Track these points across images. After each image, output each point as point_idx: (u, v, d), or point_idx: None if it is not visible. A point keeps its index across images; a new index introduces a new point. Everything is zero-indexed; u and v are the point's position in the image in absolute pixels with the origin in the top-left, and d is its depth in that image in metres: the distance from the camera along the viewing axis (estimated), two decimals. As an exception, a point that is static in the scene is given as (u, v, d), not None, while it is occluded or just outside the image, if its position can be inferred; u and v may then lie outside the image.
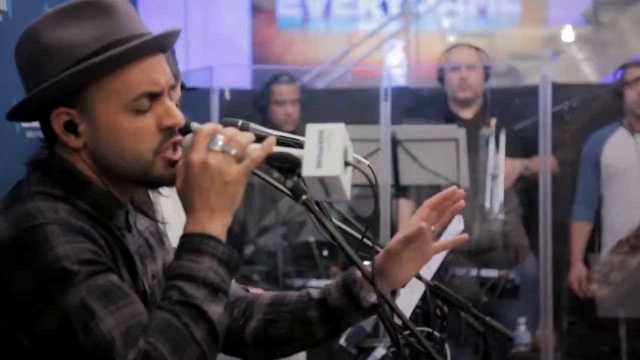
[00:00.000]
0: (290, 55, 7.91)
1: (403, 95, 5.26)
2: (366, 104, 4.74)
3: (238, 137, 1.64)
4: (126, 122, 1.63)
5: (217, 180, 1.60)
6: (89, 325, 1.49)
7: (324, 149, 1.62)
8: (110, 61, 1.60)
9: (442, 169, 4.51)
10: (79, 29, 1.62)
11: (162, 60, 1.69)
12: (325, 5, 8.02)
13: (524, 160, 4.82)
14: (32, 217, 1.55)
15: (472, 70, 4.95)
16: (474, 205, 4.72)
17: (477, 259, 4.66)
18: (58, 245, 1.52)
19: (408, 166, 4.53)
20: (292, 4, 8.04)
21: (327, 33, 8.01)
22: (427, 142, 4.53)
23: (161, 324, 1.52)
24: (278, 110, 5.01)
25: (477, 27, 7.84)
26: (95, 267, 1.53)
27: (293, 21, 8.06)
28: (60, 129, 1.64)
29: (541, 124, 4.49)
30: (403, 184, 4.65)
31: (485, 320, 2.92)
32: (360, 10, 8.07)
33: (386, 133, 4.52)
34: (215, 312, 1.56)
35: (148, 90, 1.64)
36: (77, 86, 1.61)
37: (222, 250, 1.61)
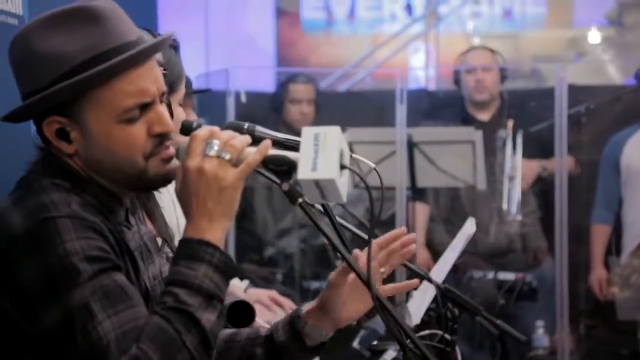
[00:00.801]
0: (314, 57, 7.91)
1: (421, 98, 5.25)
2: (383, 107, 4.74)
3: (233, 142, 1.64)
4: (117, 131, 1.65)
5: (213, 186, 1.61)
6: (87, 327, 1.51)
7: (319, 151, 1.62)
8: (101, 74, 1.61)
9: (459, 171, 4.50)
10: (68, 38, 1.63)
11: (154, 66, 1.70)
12: (350, 8, 8.02)
13: (542, 161, 4.80)
14: (45, 209, 1.57)
15: (488, 72, 4.95)
16: (491, 207, 4.71)
17: (494, 261, 4.66)
18: (68, 240, 1.54)
19: (424, 169, 4.52)
20: (316, 6, 8.05)
21: (351, 35, 8.00)
22: (443, 144, 4.52)
23: (154, 330, 1.53)
24: (293, 109, 5.03)
25: (502, 28, 7.82)
26: (102, 265, 1.56)
27: (317, 23, 8.06)
28: (52, 136, 1.66)
29: (557, 126, 4.47)
30: (420, 187, 4.64)
31: (497, 323, 2.92)
32: (385, 12, 8.06)
33: (402, 135, 4.51)
34: (208, 320, 1.56)
35: (138, 102, 1.65)
36: (66, 99, 1.63)
37: (219, 258, 1.61)
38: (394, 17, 7.94)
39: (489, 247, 4.72)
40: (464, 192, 4.76)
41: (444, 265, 2.98)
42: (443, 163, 4.49)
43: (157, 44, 1.69)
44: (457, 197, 4.82)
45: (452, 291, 2.84)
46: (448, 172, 4.51)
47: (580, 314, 4.76)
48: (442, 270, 2.96)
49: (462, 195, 4.78)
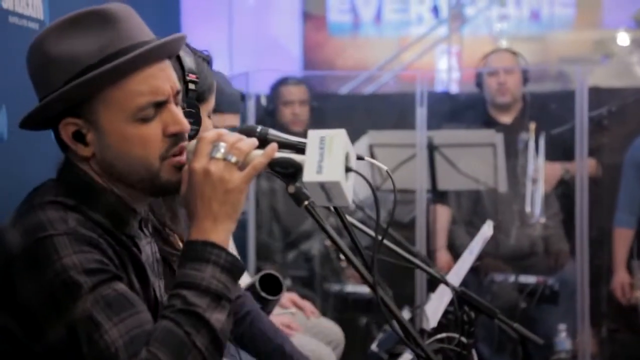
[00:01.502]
0: (341, 60, 7.92)
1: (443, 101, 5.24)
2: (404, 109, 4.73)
3: (240, 144, 1.66)
4: (132, 131, 1.66)
5: (218, 189, 1.63)
6: (93, 337, 1.52)
7: (325, 154, 1.64)
8: (111, 73, 1.63)
9: (480, 174, 4.49)
10: (81, 40, 1.65)
11: (166, 67, 1.71)
12: (376, 10, 8.02)
13: (565, 164, 4.78)
14: (42, 228, 1.58)
15: (510, 75, 4.93)
16: (512, 210, 4.69)
17: (516, 264, 4.64)
18: (66, 256, 1.55)
19: (445, 172, 4.51)
20: (343, 9, 8.06)
21: (377, 38, 8.00)
22: (464, 147, 4.51)
23: (163, 333, 1.54)
24: (286, 111, 5.03)
25: (529, 30, 7.79)
26: (101, 277, 1.56)
27: (343, 26, 8.07)
28: (69, 139, 1.68)
29: (578, 128, 4.44)
30: (441, 189, 4.64)
31: (514, 326, 2.91)
32: (411, 14, 8.06)
33: (422, 138, 4.51)
34: (217, 320, 1.58)
35: (152, 100, 1.66)
36: (80, 98, 1.64)
37: (225, 258, 1.63)
38: (420, 20, 7.93)
39: (511, 249, 4.70)
40: (485, 195, 4.75)
41: (461, 268, 2.98)
42: (464, 166, 4.47)
43: (166, 42, 1.70)
44: (478, 200, 4.81)
45: (468, 294, 2.84)
46: (469, 175, 4.49)
47: (602, 318, 4.73)
48: (459, 273, 2.96)
49: (484, 197, 4.77)
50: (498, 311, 2.89)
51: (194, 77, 2.13)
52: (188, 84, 2.11)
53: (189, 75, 2.11)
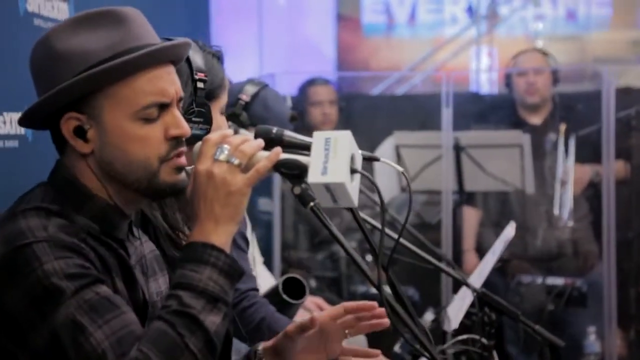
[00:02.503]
0: (375, 61, 7.92)
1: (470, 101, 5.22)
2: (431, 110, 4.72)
3: (243, 147, 1.66)
4: (134, 130, 1.67)
5: (221, 191, 1.63)
6: (79, 341, 1.51)
7: (329, 156, 1.64)
8: (118, 69, 1.63)
9: (507, 175, 4.47)
10: (90, 38, 1.66)
11: (172, 71, 1.73)
12: (411, 11, 8.01)
13: (594, 166, 4.74)
14: (22, 236, 1.58)
15: (540, 75, 4.89)
16: (540, 211, 4.67)
17: (544, 266, 4.61)
18: (47, 262, 1.55)
19: (472, 173, 4.50)
20: (377, 10, 8.06)
21: (411, 38, 7.99)
22: (491, 148, 4.49)
23: (156, 334, 1.54)
24: (315, 111, 5.03)
25: (565, 30, 7.73)
26: (83, 281, 1.56)
27: (378, 27, 8.07)
28: (69, 134, 1.68)
29: (605, 129, 4.40)
30: (467, 191, 4.62)
31: (535, 328, 2.89)
32: (446, 15, 8.04)
33: (448, 139, 4.50)
34: (212, 323, 1.57)
35: (157, 100, 1.67)
36: (86, 92, 1.65)
37: (224, 261, 1.63)
38: (454, 20, 7.91)
39: (538, 251, 4.67)
40: (513, 196, 4.72)
41: (483, 270, 2.97)
42: (491, 167, 4.46)
43: (175, 44, 1.72)
44: (506, 201, 4.78)
45: (489, 295, 2.83)
46: (496, 176, 4.48)
47: (631, 320, 4.67)
48: (481, 274, 2.95)
49: (512, 199, 4.74)
50: (520, 312, 2.88)
51: (203, 76, 2.13)
52: (196, 82, 2.12)
53: (197, 74, 2.12)
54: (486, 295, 2.82)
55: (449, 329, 2.91)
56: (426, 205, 4.78)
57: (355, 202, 1.68)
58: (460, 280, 2.88)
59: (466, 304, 2.85)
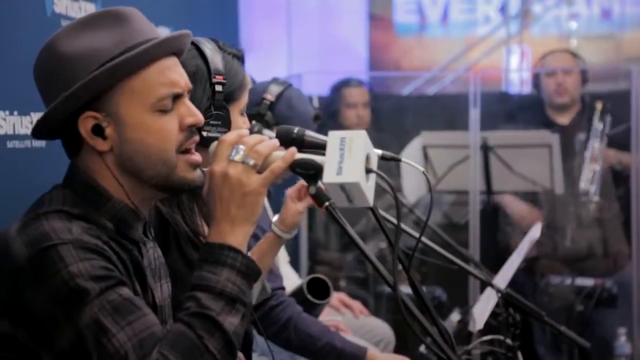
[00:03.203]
0: (407, 61, 7.90)
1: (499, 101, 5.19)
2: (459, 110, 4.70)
3: (259, 147, 1.68)
4: (151, 122, 1.69)
5: (236, 192, 1.65)
6: (102, 342, 1.53)
7: (344, 155, 1.64)
8: (132, 61, 1.66)
9: (536, 175, 4.44)
10: (96, 38, 1.68)
11: (177, 62, 1.75)
12: (443, 11, 7.98)
13: (619, 153, 4.70)
14: (47, 238, 1.59)
15: (569, 75, 4.86)
16: (569, 211, 4.63)
17: (573, 266, 4.57)
18: (72, 264, 1.57)
19: (500, 173, 4.48)
20: (409, 10, 8.04)
21: (444, 38, 7.97)
22: (520, 148, 4.46)
23: (176, 336, 1.56)
24: (349, 113, 5.03)
25: (600, 29, 7.67)
26: (107, 283, 1.58)
27: (410, 27, 8.06)
28: (88, 133, 1.69)
29: (633, 129, 4.36)
30: (496, 191, 4.60)
31: (560, 329, 2.88)
32: (479, 14, 8.00)
33: (475, 139, 4.48)
34: (231, 324, 1.59)
35: (171, 91, 1.70)
36: (102, 88, 1.67)
37: (241, 261, 1.64)
38: (487, 20, 7.87)
39: (568, 251, 4.64)
40: (542, 197, 4.69)
41: (508, 270, 2.96)
42: (520, 167, 4.43)
43: (180, 35, 1.74)
44: (535, 201, 4.75)
45: (513, 296, 2.81)
46: (525, 177, 4.45)
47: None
48: (506, 275, 2.94)
49: (541, 199, 4.71)
50: (545, 313, 2.86)
51: (221, 79, 2.15)
52: (215, 86, 2.13)
53: (215, 77, 2.13)
54: (511, 296, 2.81)
55: (474, 329, 2.90)
56: (454, 206, 4.77)
57: (371, 201, 1.68)
58: (484, 280, 2.87)
59: (491, 304, 2.84)
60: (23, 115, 2.54)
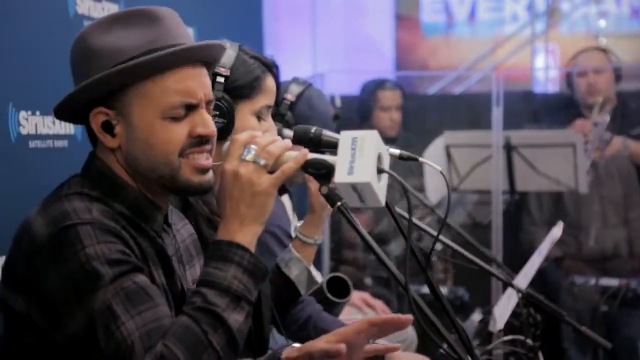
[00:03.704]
0: (434, 60, 7.90)
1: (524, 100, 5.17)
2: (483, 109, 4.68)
3: (270, 147, 1.69)
4: (159, 128, 1.70)
5: (246, 191, 1.66)
6: (110, 328, 1.55)
7: (356, 155, 1.64)
8: (147, 64, 1.67)
9: (561, 175, 4.41)
10: (124, 36, 1.70)
11: (202, 73, 1.75)
12: (470, 10, 7.97)
13: (628, 140, 4.65)
14: (67, 217, 1.61)
15: (601, 74, 4.80)
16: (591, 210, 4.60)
17: (598, 266, 4.54)
18: (89, 245, 1.59)
19: (524, 172, 4.45)
20: (436, 9, 8.04)
21: (471, 37, 7.96)
22: (543, 147, 4.44)
23: (181, 329, 1.57)
24: (383, 116, 5.01)
25: (629, 28, 7.62)
26: (123, 268, 1.59)
27: (437, 26, 8.05)
28: (97, 128, 1.72)
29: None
30: (519, 191, 4.58)
31: (581, 329, 2.87)
32: (506, 13, 7.98)
33: (498, 138, 4.46)
34: (235, 320, 1.61)
35: (184, 101, 1.70)
36: (115, 86, 1.69)
37: (249, 260, 1.66)
38: (515, 18, 7.85)
39: (593, 251, 4.61)
40: (567, 196, 4.66)
41: (529, 270, 2.95)
42: (544, 167, 4.41)
43: (207, 44, 1.74)
44: (559, 201, 4.72)
45: (534, 296, 2.81)
46: (549, 176, 4.42)
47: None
48: (527, 275, 2.93)
49: (565, 198, 4.68)
50: (566, 313, 2.85)
51: (223, 71, 2.16)
52: (216, 76, 2.14)
53: (217, 69, 2.15)
54: (531, 296, 2.80)
55: (494, 329, 2.89)
56: (478, 205, 4.75)
57: (383, 201, 1.68)
58: (504, 280, 2.86)
59: (511, 304, 2.83)
60: (45, 115, 2.56)
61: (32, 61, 2.54)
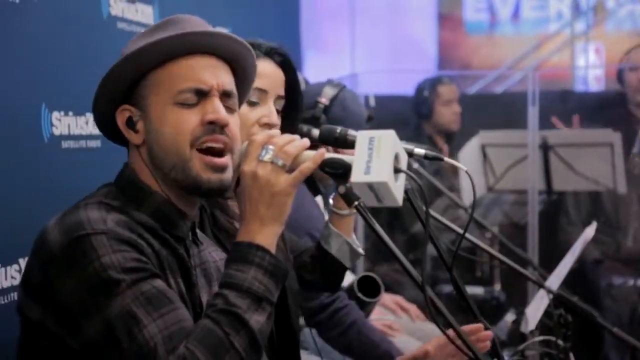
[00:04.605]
0: (477, 59, 7.86)
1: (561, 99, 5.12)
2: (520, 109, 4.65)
3: (288, 148, 1.69)
4: (171, 113, 1.70)
5: (265, 192, 1.66)
6: (133, 332, 1.55)
7: (373, 155, 1.64)
8: (155, 47, 1.69)
9: (598, 174, 4.37)
10: (147, 39, 1.72)
11: (217, 65, 1.75)
12: (514, 8, 7.91)
13: None
14: (81, 227, 1.62)
15: None
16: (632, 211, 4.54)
17: (637, 266, 4.49)
18: (104, 255, 1.59)
19: (561, 172, 4.41)
20: (479, 8, 7.99)
21: (515, 36, 7.90)
22: (581, 147, 4.39)
23: (203, 331, 1.57)
24: (446, 111, 5.00)
25: (678, 26, 7.52)
26: (139, 275, 1.60)
27: (480, 25, 8.01)
28: (122, 125, 1.74)
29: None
30: (556, 190, 4.53)
31: (613, 330, 2.84)
32: (551, 11, 7.91)
33: (533, 138, 4.42)
34: (257, 322, 1.61)
35: (193, 86, 1.71)
36: (130, 76, 1.71)
37: (269, 261, 1.66)
38: (559, 16, 7.77)
39: (631, 252, 4.55)
40: (605, 196, 4.61)
41: (561, 271, 2.93)
42: (581, 166, 4.36)
43: (211, 32, 1.75)
44: (597, 201, 4.67)
45: (565, 297, 2.79)
46: (587, 176, 4.38)
47: None
48: (559, 275, 2.91)
49: (604, 198, 4.63)
50: (597, 314, 2.83)
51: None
52: None
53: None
54: (562, 297, 2.78)
55: (526, 330, 2.87)
56: (515, 205, 4.71)
57: (400, 201, 1.67)
58: (534, 281, 2.85)
59: (543, 305, 2.82)
60: (78, 115, 2.60)
61: (65, 62, 2.58)
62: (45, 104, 2.48)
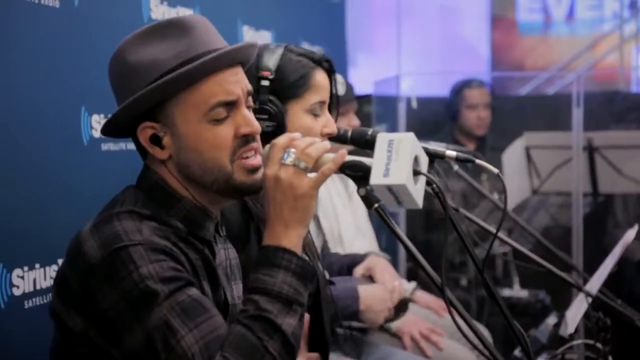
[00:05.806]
0: (530, 60, 7.80)
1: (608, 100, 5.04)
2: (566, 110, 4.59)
3: (309, 150, 1.70)
4: (205, 131, 1.71)
5: (288, 195, 1.68)
6: (171, 343, 1.57)
7: (392, 157, 1.65)
8: (186, 76, 1.69)
9: (647, 177, 4.30)
10: (159, 48, 1.72)
11: (238, 72, 1.77)
12: (569, 8, 7.84)
13: None
14: (119, 239, 1.63)
15: None
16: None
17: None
18: (142, 266, 1.61)
19: (608, 175, 4.35)
20: (533, 8, 7.93)
21: (569, 36, 7.82)
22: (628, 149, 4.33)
23: (236, 338, 1.59)
24: (470, 115, 4.97)
25: None
26: (176, 284, 1.62)
27: (534, 26, 7.95)
28: (146, 142, 1.74)
29: None
30: (602, 193, 4.47)
31: (651, 334, 2.81)
32: (606, 11, 7.81)
33: (578, 140, 4.37)
34: (289, 325, 1.62)
35: (223, 100, 1.72)
36: (157, 100, 1.71)
37: (296, 263, 1.67)
38: (616, 16, 7.67)
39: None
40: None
41: (601, 274, 2.90)
42: (629, 168, 4.30)
43: (237, 49, 1.76)
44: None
45: (604, 300, 2.76)
46: (634, 178, 4.31)
47: None
48: (599, 278, 2.88)
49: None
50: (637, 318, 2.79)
51: (267, 74, 2.16)
52: (260, 80, 2.16)
53: (260, 72, 2.16)
54: (601, 300, 2.75)
55: (565, 333, 2.85)
56: (562, 208, 4.66)
57: (420, 203, 1.67)
58: (572, 284, 2.82)
59: (582, 308, 2.79)
60: (117, 118, 2.63)
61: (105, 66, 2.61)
62: (85, 107, 2.52)
